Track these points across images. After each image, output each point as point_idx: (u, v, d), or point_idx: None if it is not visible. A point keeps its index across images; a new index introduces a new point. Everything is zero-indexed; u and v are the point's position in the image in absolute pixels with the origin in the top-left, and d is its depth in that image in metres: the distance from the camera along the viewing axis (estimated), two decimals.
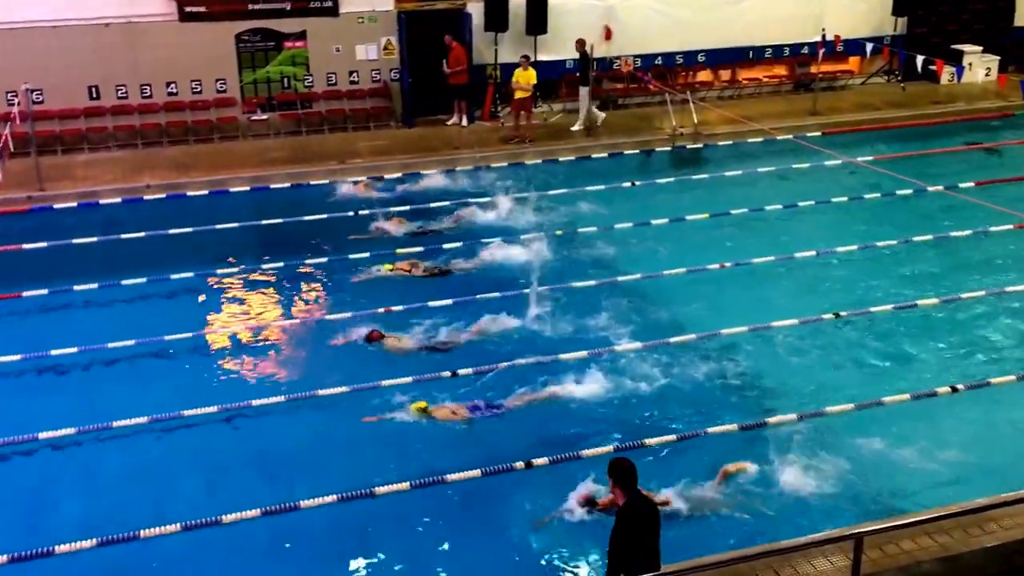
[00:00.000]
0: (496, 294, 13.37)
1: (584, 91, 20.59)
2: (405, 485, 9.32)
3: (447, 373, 11.34)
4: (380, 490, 9.25)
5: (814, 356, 11.85)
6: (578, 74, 20.63)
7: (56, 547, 8.42)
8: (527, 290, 13.29)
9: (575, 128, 20.71)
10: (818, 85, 22.62)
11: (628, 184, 18.13)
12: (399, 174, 18.54)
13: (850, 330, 12.48)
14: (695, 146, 20.12)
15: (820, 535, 8.05)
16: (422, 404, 10.55)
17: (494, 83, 21.30)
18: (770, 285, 13.91)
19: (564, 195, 17.53)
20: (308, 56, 20.33)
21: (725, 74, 23.63)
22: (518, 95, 19.93)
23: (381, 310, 12.90)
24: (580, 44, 20.26)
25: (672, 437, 10.09)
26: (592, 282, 13.93)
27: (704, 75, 23.50)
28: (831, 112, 21.93)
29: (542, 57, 21.19)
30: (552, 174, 18.78)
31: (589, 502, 8.89)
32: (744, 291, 13.68)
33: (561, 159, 19.52)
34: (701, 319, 12.72)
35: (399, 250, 14.99)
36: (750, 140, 20.28)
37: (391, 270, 14.28)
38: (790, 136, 19.85)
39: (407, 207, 16.91)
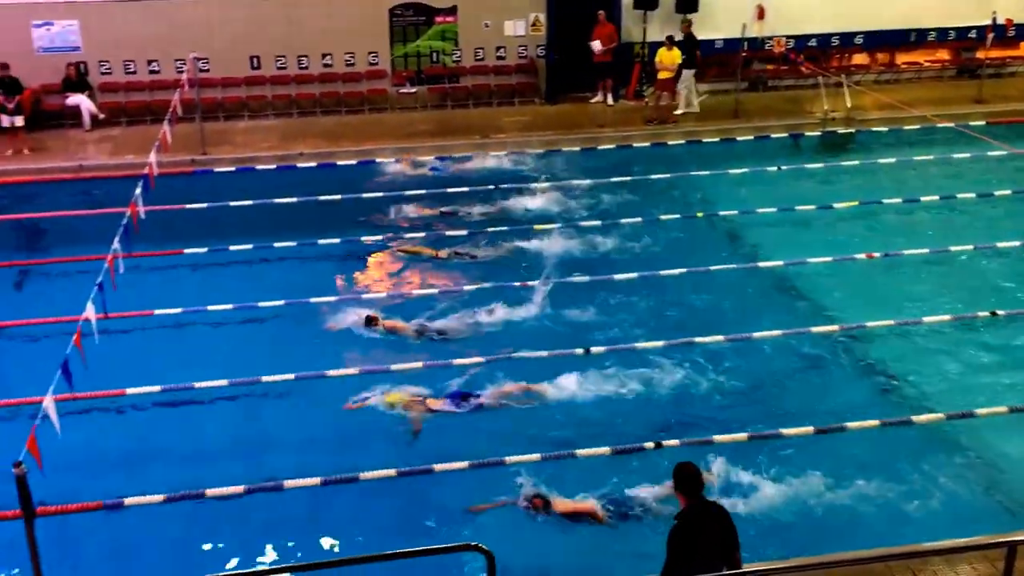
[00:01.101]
0: (633, 275, 13.30)
1: (688, 74, 20.17)
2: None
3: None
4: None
5: (966, 355, 11.34)
6: (684, 56, 20.29)
7: (207, 490, 8.89)
8: (668, 272, 13.20)
9: (679, 112, 20.32)
10: (984, 71, 21.48)
11: (774, 168, 17.69)
12: (541, 150, 18.63)
13: (1007, 330, 11.89)
14: (847, 131, 19.42)
15: (966, 540, 7.57)
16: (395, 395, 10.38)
17: (641, 62, 21.11)
18: (922, 279, 13.38)
19: (706, 177, 17.27)
20: (457, 31, 20.61)
21: (883, 57, 22.72)
22: (661, 75, 19.71)
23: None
24: (687, 26, 19.98)
25: (809, 429, 9.84)
26: (731, 266, 13.72)
27: (860, 58, 22.64)
28: (998, 100, 20.81)
29: None
30: (695, 155, 18.50)
31: (544, 504, 8.61)
32: (893, 284, 13.19)
33: (705, 140, 19.20)
34: (845, 310, 12.35)
35: (537, 226, 15.08)
36: (907, 127, 19.45)
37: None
38: (951, 124, 18.95)
39: (547, 183, 16.98)
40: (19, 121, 17.77)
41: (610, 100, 20.87)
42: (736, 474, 9.01)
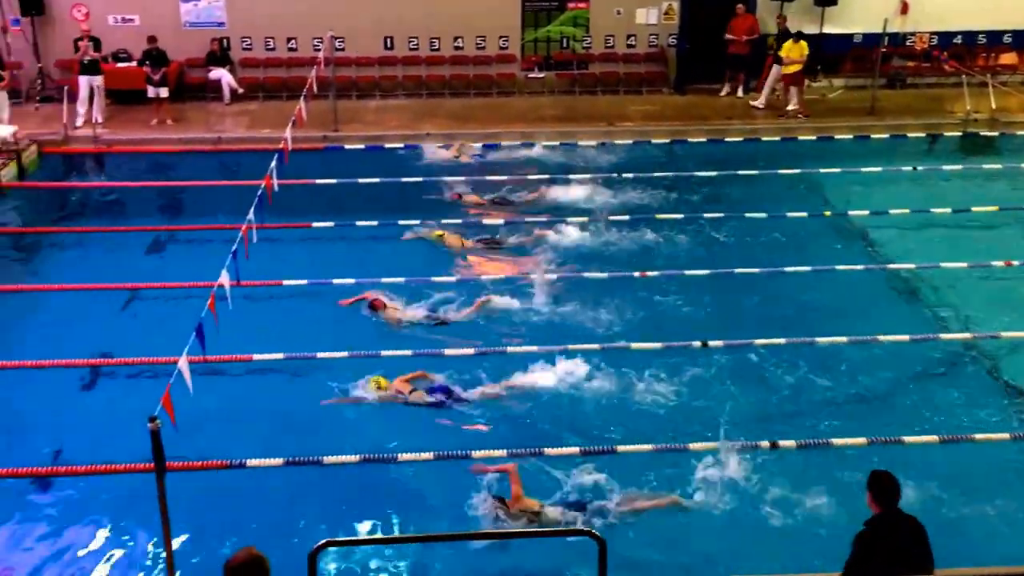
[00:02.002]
0: (756, 269, 13.07)
1: (777, 69, 19.58)
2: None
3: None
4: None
5: None
6: (771, 51, 19.63)
7: (324, 457, 9.16)
8: (791, 268, 12.94)
9: (757, 104, 19.83)
10: None
11: (909, 168, 17.09)
12: (667, 140, 18.46)
13: None
14: (990, 134, 18.62)
15: None
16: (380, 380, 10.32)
17: (773, 55, 20.62)
18: None
19: (837, 175, 16.79)
20: (589, 17, 20.56)
21: None
22: (789, 69, 19.23)
23: None
24: (782, 20, 19.48)
25: (934, 438, 9.52)
26: (858, 266, 13.33)
27: (1008, 57, 21.56)
28: None
29: (828, 30, 20.31)
30: (826, 152, 18.02)
31: (500, 503, 8.29)
32: None
33: (837, 137, 18.67)
34: (979, 318, 11.85)
35: (658, 215, 14.95)
36: None
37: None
38: None
39: (672, 172, 16.79)
40: (164, 93, 18.57)
41: (740, 92, 20.49)
42: (856, 478, 8.78)
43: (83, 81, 17.94)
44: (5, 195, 15.67)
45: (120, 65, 19.10)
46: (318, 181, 15.93)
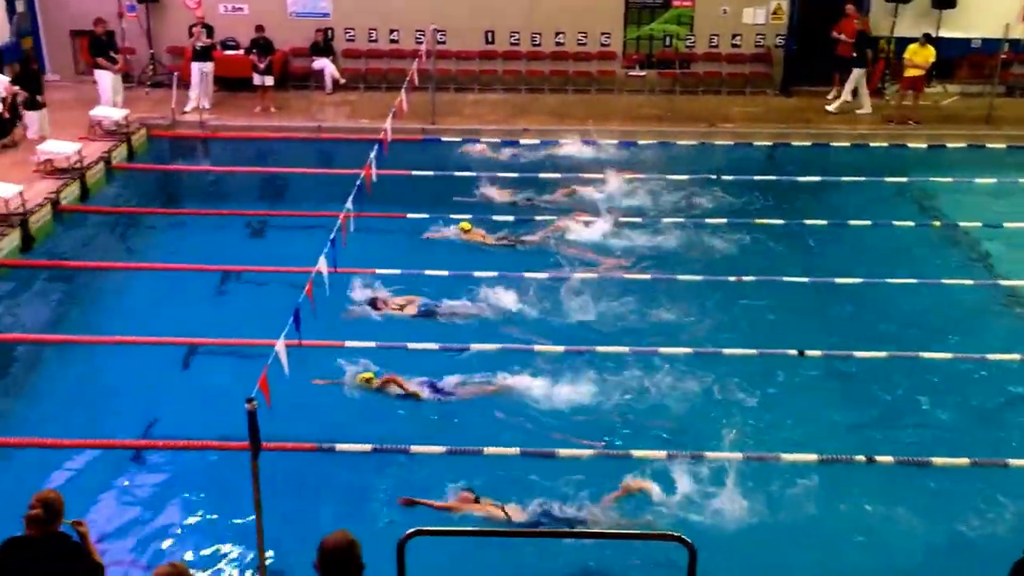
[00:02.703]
0: (857, 279, 12.67)
1: (858, 73, 18.89)
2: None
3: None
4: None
5: None
6: (855, 54, 18.89)
7: (411, 447, 9.19)
8: (895, 280, 12.52)
9: (861, 111, 19.15)
10: None
11: None
12: (769, 143, 18.07)
13: None
14: None
15: None
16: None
17: (885, 58, 20.00)
18: None
19: (948, 184, 16.19)
20: (693, 16, 20.23)
21: None
22: (910, 73, 18.58)
23: None
24: (863, 23, 18.86)
25: None
26: (967, 280, 12.81)
27: None
28: None
29: (944, 33, 19.57)
30: (937, 160, 17.38)
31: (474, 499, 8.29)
32: None
33: (950, 145, 17.98)
34: None
35: (758, 220, 14.61)
36: None
37: None
38: None
39: (773, 176, 16.41)
40: (269, 81, 18.90)
41: (848, 96, 19.88)
42: (954, 498, 8.44)
43: (194, 67, 18.39)
44: (115, 176, 16.15)
45: (228, 53, 19.52)
46: (415, 172, 16.02)
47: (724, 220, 14.63)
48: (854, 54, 18.87)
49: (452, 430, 9.57)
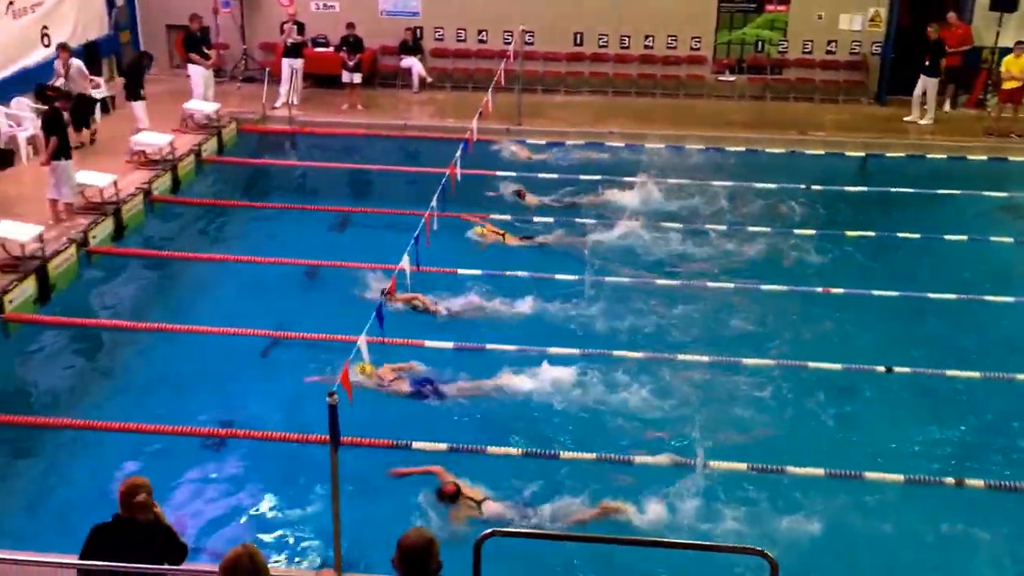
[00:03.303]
0: (951, 295, 12.23)
1: (931, 82, 18.20)
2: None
3: None
4: None
5: None
6: (927, 63, 18.18)
7: (488, 447, 9.14)
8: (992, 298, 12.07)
9: (923, 121, 18.45)
10: None
11: None
12: (862, 153, 17.60)
13: None
14: None
15: None
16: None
17: (987, 69, 19.32)
18: None
19: None
20: (787, 21, 19.83)
21: None
22: (1007, 85, 17.90)
23: None
24: (932, 31, 18.05)
25: None
26: None
27: None
28: None
29: None
30: None
31: (452, 496, 8.16)
32: None
33: None
34: None
35: (850, 232, 14.22)
36: None
37: None
38: None
39: (865, 188, 15.96)
40: (357, 78, 19.09)
41: (947, 107, 19.28)
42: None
43: (285, 63, 18.67)
44: (204, 168, 16.47)
45: (318, 50, 19.78)
46: (498, 173, 16.00)
47: (813, 231, 14.29)
48: (926, 62, 18.27)
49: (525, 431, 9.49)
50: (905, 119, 18.69)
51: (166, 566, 5.67)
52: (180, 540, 5.86)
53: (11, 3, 16.09)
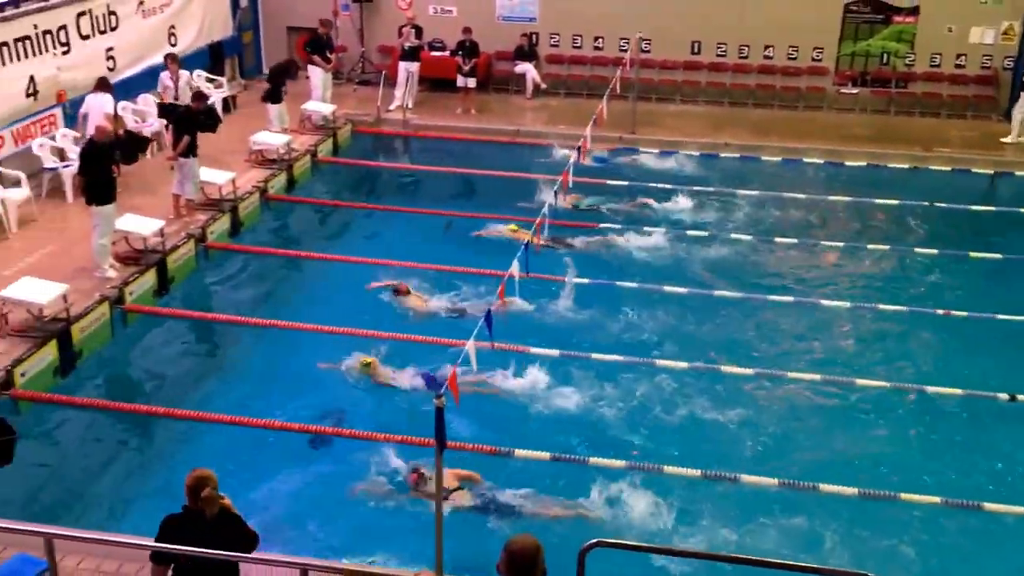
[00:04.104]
0: None
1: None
2: None
3: None
4: None
5: None
6: None
7: (590, 458, 8.96)
8: None
9: (1007, 140, 17.41)
10: None
11: None
12: (990, 171, 16.82)
13: None
14: None
15: None
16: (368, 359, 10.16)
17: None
18: None
19: None
20: (915, 33, 19.09)
21: None
22: None
23: None
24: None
25: None
26: None
27: None
28: None
29: None
30: None
31: (420, 479, 8.32)
32: None
33: None
34: None
35: (972, 253, 13.56)
36: None
37: None
38: None
39: (993, 207, 15.28)
40: (472, 83, 19.15)
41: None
42: None
43: (402, 67, 18.86)
44: (319, 169, 16.74)
45: (435, 54, 19.92)
46: (610, 182, 15.82)
47: (935, 250, 13.75)
48: None
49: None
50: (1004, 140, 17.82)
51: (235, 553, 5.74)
52: (249, 529, 5.91)
53: (141, 3, 16.67)
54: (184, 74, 16.58)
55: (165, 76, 16.18)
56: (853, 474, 8.97)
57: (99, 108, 14.30)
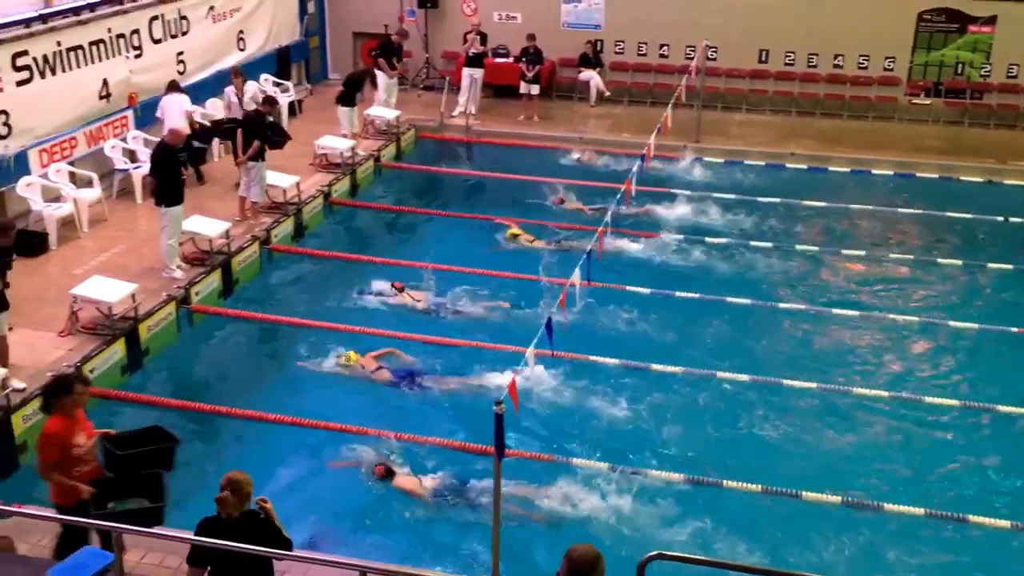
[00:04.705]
0: None
1: None
2: None
3: None
4: None
5: None
6: None
7: (651, 471, 8.84)
8: None
9: None
10: None
11: None
12: None
13: None
14: None
15: None
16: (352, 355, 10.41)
17: None
18: None
19: None
20: (992, 43, 18.60)
21: None
22: None
23: None
24: None
25: None
26: None
27: None
28: None
29: None
30: None
31: (387, 473, 8.48)
32: None
33: None
34: None
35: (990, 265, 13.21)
36: None
37: None
38: None
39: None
40: (535, 90, 19.11)
41: None
42: None
43: (466, 73, 18.89)
44: (382, 173, 16.83)
45: (499, 60, 19.93)
46: (673, 191, 15.65)
47: (1009, 266, 13.36)
48: None
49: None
50: None
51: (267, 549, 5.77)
52: (282, 536, 5.92)
53: (211, 8, 16.94)
54: (250, 88, 16.45)
55: (231, 91, 15.97)
56: (920, 494, 8.74)
57: (177, 107, 14.62)
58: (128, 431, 7.69)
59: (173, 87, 14.87)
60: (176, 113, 14.65)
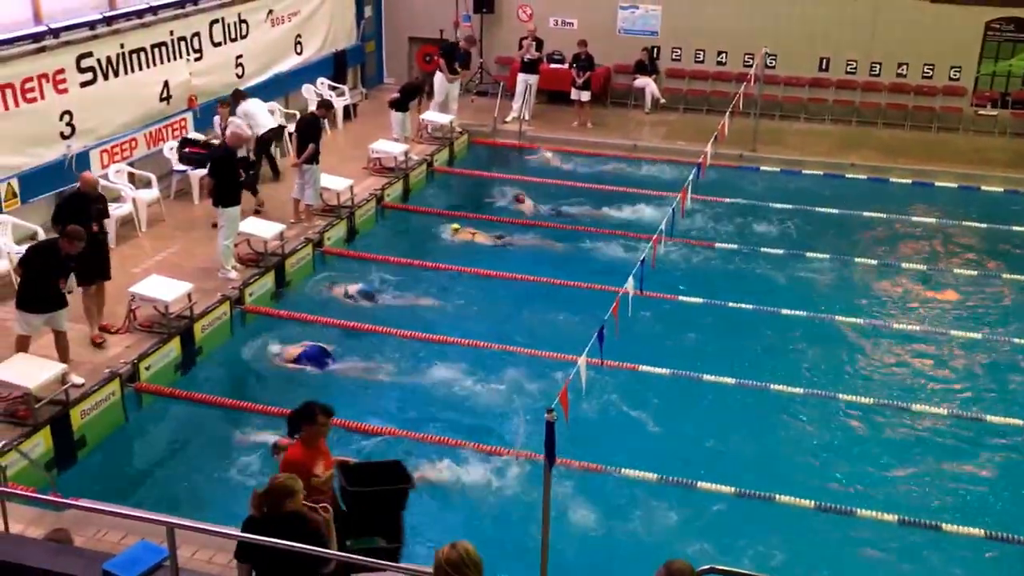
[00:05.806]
0: None
1: None
2: None
3: None
4: None
5: None
6: None
7: (698, 482, 8.73)
8: None
9: None
10: None
11: None
12: None
13: None
14: None
15: None
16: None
17: None
18: None
19: None
20: None
21: None
22: None
23: None
24: None
25: None
26: None
27: None
28: None
29: None
30: None
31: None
32: None
33: None
34: None
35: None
36: None
37: None
38: None
39: None
40: (585, 96, 18.95)
41: None
42: None
43: (520, 78, 18.85)
44: (434, 178, 16.83)
45: (553, 66, 19.84)
46: (728, 200, 15.44)
47: None
48: None
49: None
50: None
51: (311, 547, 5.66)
52: (325, 538, 5.88)
53: (270, 12, 17.11)
54: (233, 121, 14.34)
55: (217, 120, 14.84)
56: (976, 514, 8.53)
57: (261, 107, 14.97)
58: (366, 461, 7.86)
59: (241, 95, 14.92)
60: (264, 113, 14.81)
